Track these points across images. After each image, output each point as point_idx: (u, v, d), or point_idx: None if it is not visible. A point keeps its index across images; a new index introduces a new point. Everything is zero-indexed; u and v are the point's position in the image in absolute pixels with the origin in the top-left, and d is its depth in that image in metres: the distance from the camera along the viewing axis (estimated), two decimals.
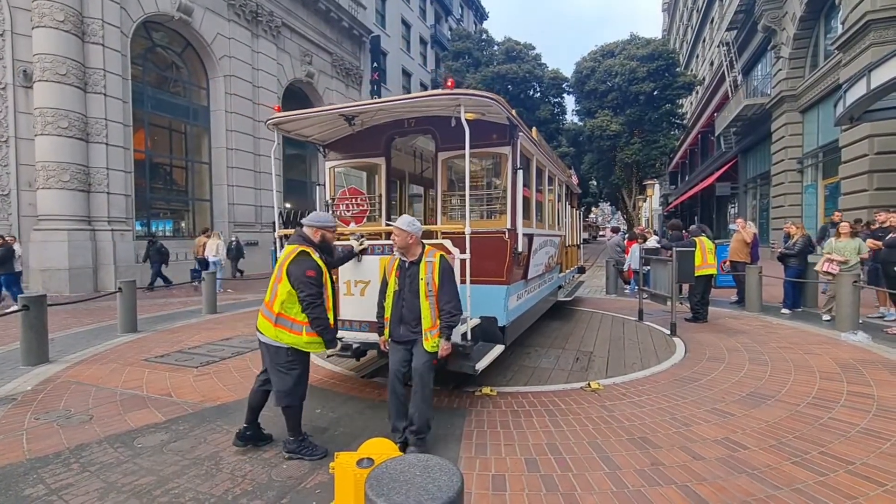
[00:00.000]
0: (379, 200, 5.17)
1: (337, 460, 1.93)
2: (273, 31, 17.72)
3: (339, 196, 5.39)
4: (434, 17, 33.20)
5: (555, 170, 6.92)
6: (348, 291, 4.11)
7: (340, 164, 5.41)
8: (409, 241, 3.15)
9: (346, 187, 5.46)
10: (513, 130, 4.36)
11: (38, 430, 3.43)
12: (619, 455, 2.96)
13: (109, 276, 11.66)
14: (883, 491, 2.49)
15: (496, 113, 4.12)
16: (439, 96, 3.83)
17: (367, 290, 3.99)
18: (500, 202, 4.64)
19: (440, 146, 4.79)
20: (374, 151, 5.10)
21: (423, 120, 4.76)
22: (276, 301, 2.94)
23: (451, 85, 3.69)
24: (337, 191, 5.41)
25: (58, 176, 11.18)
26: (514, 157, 4.39)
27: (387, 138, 5.07)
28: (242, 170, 16.51)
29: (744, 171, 22.93)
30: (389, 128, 5.00)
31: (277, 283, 2.96)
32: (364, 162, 5.31)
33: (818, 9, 14.92)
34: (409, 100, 4.11)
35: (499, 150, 4.49)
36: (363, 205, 5.30)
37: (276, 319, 2.93)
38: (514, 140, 4.38)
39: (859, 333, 5.92)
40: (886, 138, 10.97)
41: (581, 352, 5.57)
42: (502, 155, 4.50)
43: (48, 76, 11.02)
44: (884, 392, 3.97)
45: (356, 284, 4.07)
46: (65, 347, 5.99)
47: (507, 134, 4.39)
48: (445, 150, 4.75)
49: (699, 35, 32.71)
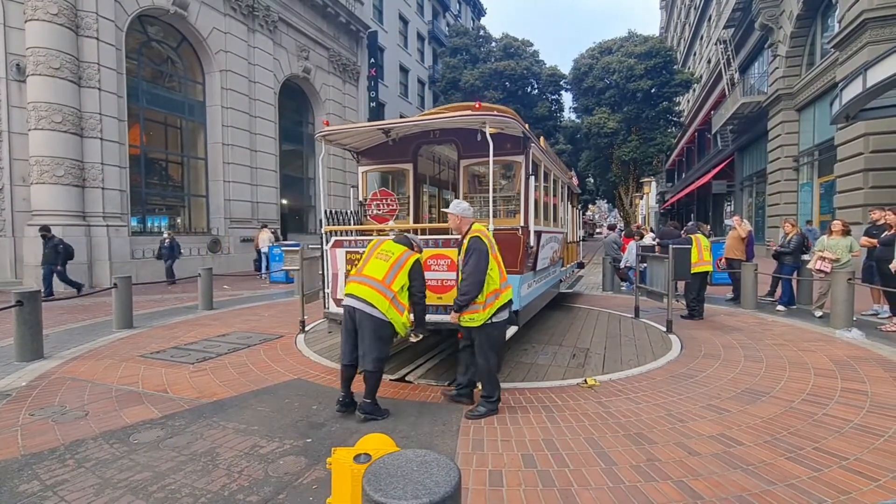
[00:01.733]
0: (408, 201, 5.89)
1: (334, 456, 1.93)
2: (269, 26, 17.60)
3: (370, 197, 6.00)
4: (432, 12, 33.06)
5: (558, 173, 7.51)
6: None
7: (372, 168, 6.08)
8: (458, 221, 3.68)
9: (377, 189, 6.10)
10: (526, 142, 4.96)
11: (33, 426, 3.41)
12: (616, 451, 2.97)
13: (105, 272, 11.60)
14: (876, 486, 2.51)
15: (513, 128, 4.72)
16: (469, 116, 4.38)
17: None
18: (514, 203, 5.28)
19: (462, 154, 5.45)
20: (404, 158, 5.79)
21: (448, 131, 5.37)
22: (396, 283, 3.46)
23: (479, 107, 4.41)
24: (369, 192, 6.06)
25: (52, 171, 11.09)
26: (527, 164, 4.97)
27: (415, 147, 5.72)
28: (239, 166, 16.41)
29: (740, 169, 23.01)
30: (417, 138, 5.62)
31: (396, 270, 3.49)
32: (394, 167, 6.01)
33: (815, 7, 14.95)
34: (443, 118, 4.74)
35: (514, 158, 5.07)
36: (393, 205, 5.92)
37: (394, 300, 3.44)
38: (526, 150, 4.97)
39: (854, 330, 5.96)
40: (882, 137, 11.02)
41: (578, 348, 5.58)
42: (517, 162, 5.09)
43: (41, 70, 10.91)
44: (877, 388, 4.01)
45: None
46: (59, 343, 5.96)
47: (520, 145, 4.98)
48: (467, 158, 5.44)
49: (696, 33, 32.71)
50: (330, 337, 6.30)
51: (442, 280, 4.32)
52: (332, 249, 4.97)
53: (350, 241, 4.97)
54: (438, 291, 4.32)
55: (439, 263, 4.38)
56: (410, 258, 3.56)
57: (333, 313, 4.94)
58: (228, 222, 16.09)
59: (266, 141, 17.63)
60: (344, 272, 4.88)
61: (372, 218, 5.91)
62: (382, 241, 3.75)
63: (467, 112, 4.47)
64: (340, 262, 4.93)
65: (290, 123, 20.40)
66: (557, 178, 7.36)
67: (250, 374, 4.68)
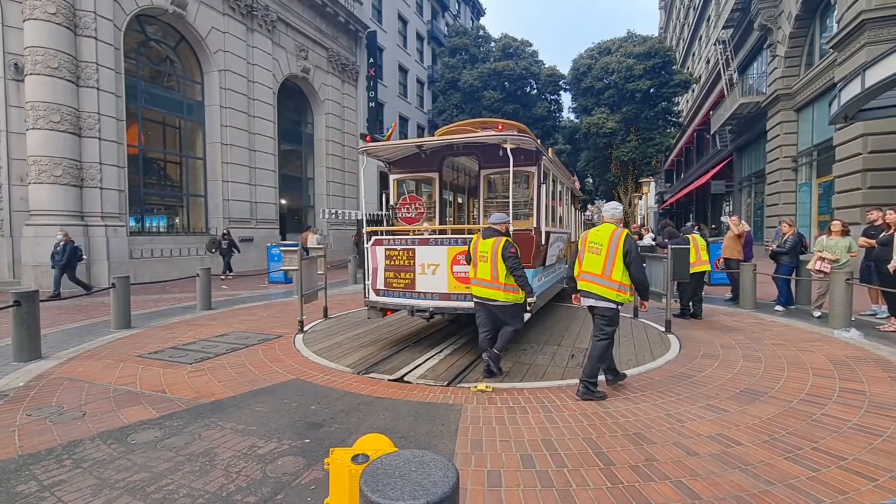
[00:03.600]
0: (434, 205, 6.79)
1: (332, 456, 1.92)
2: (268, 26, 17.59)
3: (400, 201, 6.82)
4: (431, 12, 33.05)
5: (564, 179, 8.26)
6: (423, 272, 5.34)
7: (403, 177, 6.86)
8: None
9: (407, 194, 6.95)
10: (538, 155, 5.71)
11: (31, 426, 3.40)
12: (614, 451, 2.97)
13: (103, 272, 11.58)
14: (874, 486, 2.51)
15: (528, 144, 5.44)
16: (494, 136, 5.30)
17: (437, 271, 5.27)
18: (527, 207, 6.06)
19: (482, 165, 6.29)
20: (431, 168, 6.62)
21: (470, 146, 6.05)
22: (500, 276, 4.31)
23: (502, 128, 5.42)
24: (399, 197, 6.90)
25: (50, 170, 11.07)
26: (539, 174, 5.78)
27: (440, 158, 6.57)
28: (238, 165, 16.40)
29: (739, 170, 23.04)
30: (443, 150, 6.43)
31: (495, 264, 4.32)
32: (422, 176, 6.84)
33: (814, 7, 14.98)
34: (472, 138, 5.64)
35: (528, 169, 5.85)
36: (421, 208, 6.77)
37: (504, 288, 4.32)
38: (539, 162, 5.75)
39: (852, 331, 5.97)
40: (880, 137, 11.03)
41: (577, 348, 5.58)
42: (530, 173, 5.88)
43: (40, 69, 10.90)
44: (875, 388, 4.01)
45: (429, 267, 5.31)
46: (57, 344, 5.95)
47: (533, 157, 5.72)
48: (487, 168, 6.30)
49: (695, 33, 32.74)
50: (329, 337, 6.30)
51: (468, 272, 4.81)
52: (372, 247, 5.65)
53: (388, 239, 5.63)
54: (466, 282, 4.94)
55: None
56: (500, 244, 4.34)
57: (373, 301, 5.67)
58: (227, 222, 16.07)
59: (265, 141, 17.61)
60: (383, 266, 5.59)
61: (402, 220, 6.76)
62: (478, 242, 4.49)
63: (492, 132, 5.51)
64: (380, 258, 5.60)
65: (289, 123, 20.39)
66: (563, 183, 8.10)
67: (248, 374, 4.67)
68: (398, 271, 5.48)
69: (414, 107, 30.40)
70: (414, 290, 5.36)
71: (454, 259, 5.12)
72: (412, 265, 5.37)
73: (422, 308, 5.27)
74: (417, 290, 5.36)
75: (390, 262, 5.53)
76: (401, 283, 5.47)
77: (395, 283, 5.51)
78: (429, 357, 5.26)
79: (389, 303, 5.57)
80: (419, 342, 5.98)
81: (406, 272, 5.42)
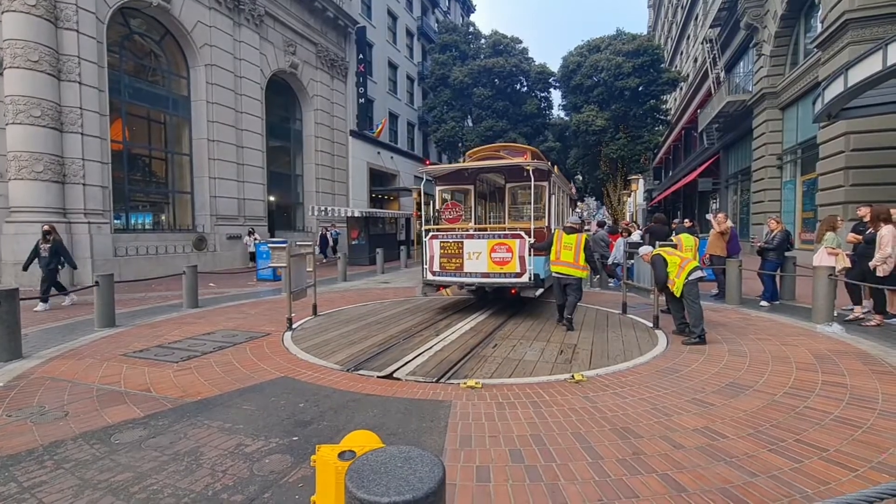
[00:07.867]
0: (469, 210, 8.91)
1: (318, 453, 1.90)
2: (255, 20, 17.36)
3: (444, 207, 8.98)
4: (421, 8, 32.87)
5: (565, 188, 10.45)
6: (469, 258, 7.21)
7: (446, 188, 9.10)
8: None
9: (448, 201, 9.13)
10: (549, 174, 7.91)
11: (10, 427, 3.33)
12: (602, 445, 2.99)
13: (86, 270, 11.35)
14: (854, 476, 2.56)
15: (543, 166, 7.60)
16: (521, 162, 7.64)
17: (479, 257, 7.13)
18: (541, 212, 8.03)
19: (508, 180, 8.61)
20: (468, 182, 8.78)
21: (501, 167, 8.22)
22: (581, 260, 6.38)
23: (528, 157, 8.24)
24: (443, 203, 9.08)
25: (30, 166, 10.82)
26: (550, 187, 8.06)
27: (475, 174, 8.63)
28: (225, 162, 16.18)
29: (725, 167, 23.32)
30: (479, 170, 8.50)
31: (578, 251, 6.40)
32: (461, 188, 8.98)
33: (799, 7, 15.18)
34: (504, 164, 7.99)
35: (541, 183, 7.89)
36: (460, 211, 8.94)
37: (582, 268, 6.43)
38: (550, 178, 7.99)
39: (834, 325, 6.08)
40: (862, 135, 11.24)
41: (565, 344, 5.61)
42: (543, 186, 7.97)
43: (20, 63, 10.63)
44: (856, 381, 4.09)
45: (474, 254, 7.18)
46: (39, 343, 5.83)
47: (546, 175, 7.88)
48: (511, 182, 8.57)
49: (683, 32, 33.01)
50: (318, 335, 6.26)
51: (503, 258, 6.99)
52: (429, 241, 7.57)
53: (441, 234, 7.58)
54: (501, 265, 7.01)
55: (501, 248, 7.00)
56: (583, 238, 6.44)
57: (431, 280, 7.57)
58: (214, 219, 15.86)
59: (253, 137, 17.40)
60: (438, 254, 7.44)
61: (446, 220, 8.81)
62: (562, 236, 6.53)
63: (520, 161, 7.80)
64: (436, 249, 7.49)
65: (278, 119, 20.17)
66: (564, 191, 10.30)
67: (236, 372, 4.62)
68: (450, 258, 7.35)
69: (404, 103, 30.25)
70: (462, 270, 7.26)
71: (492, 248, 7.04)
72: (461, 253, 7.25)
73: (469, 283, 7.34)
74: (465, 271, 7.27)
75: (444, 251, 7.39)
76: (452, 266, 7.35)
77: (447, 266, 7.40)
78: (418, 354, 5.25)
79: (445, 280, 7.48)
80: (409, 339, 5.96)
81: (457, 258, 7.30)
